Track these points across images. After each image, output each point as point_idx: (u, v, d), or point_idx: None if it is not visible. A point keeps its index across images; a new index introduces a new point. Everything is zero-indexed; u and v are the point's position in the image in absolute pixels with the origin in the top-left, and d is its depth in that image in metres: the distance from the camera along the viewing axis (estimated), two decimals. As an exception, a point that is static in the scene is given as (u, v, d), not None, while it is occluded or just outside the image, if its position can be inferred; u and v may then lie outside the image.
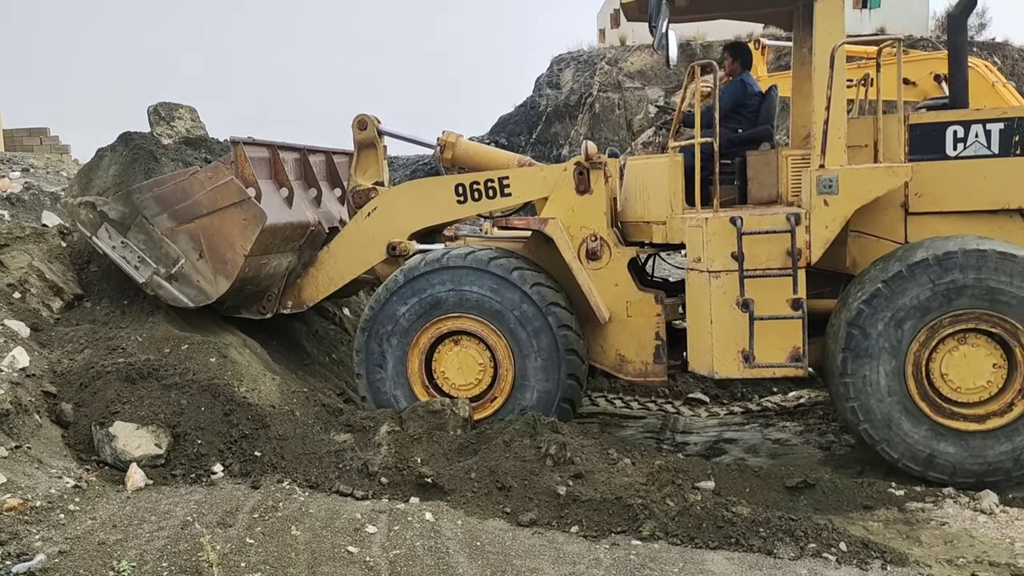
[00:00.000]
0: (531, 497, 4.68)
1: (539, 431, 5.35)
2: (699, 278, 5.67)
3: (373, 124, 6.78)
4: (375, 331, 5.96)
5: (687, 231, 5.78)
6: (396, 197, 6.55)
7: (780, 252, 5.49)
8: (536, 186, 6.40)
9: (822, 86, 5.53)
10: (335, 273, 6.57)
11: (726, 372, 5.65)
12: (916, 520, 4.57)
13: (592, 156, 6.12)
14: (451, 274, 5.87)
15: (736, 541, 4.23)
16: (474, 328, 5.90)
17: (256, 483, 4.73)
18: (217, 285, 5.91)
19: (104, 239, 5.98)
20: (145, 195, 5.90)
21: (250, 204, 5.81)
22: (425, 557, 4.00)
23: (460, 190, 6.45)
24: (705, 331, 5.64)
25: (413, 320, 5.91)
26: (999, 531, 4.36)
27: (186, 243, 5.90)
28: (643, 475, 4.95)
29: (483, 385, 5.96)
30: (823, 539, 4.15)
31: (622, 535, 4.34)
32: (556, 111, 31.44)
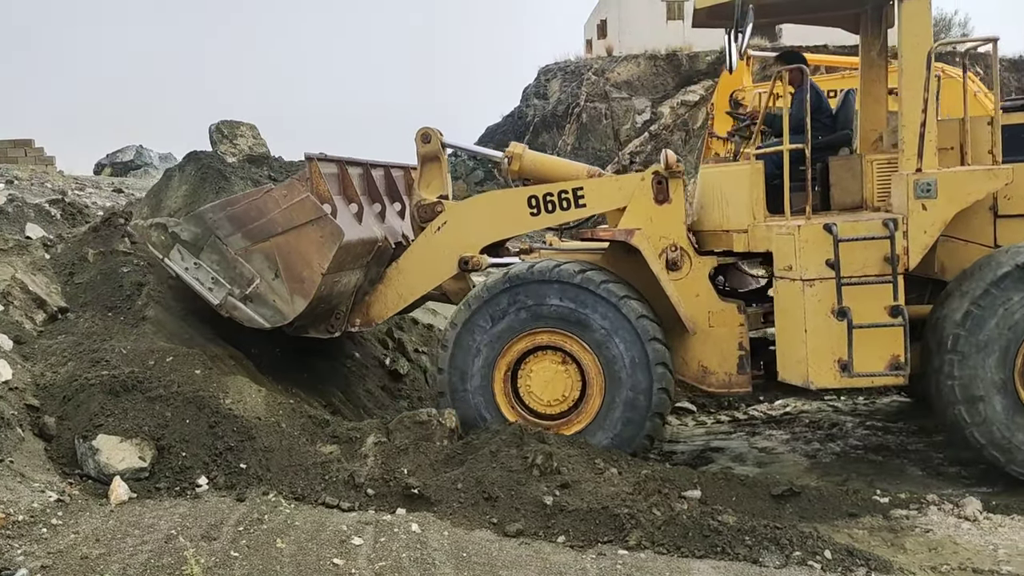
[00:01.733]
0: (518, 507, 4.68)
1: (525, 441, 5.35)
2: (791, 287, 5.57)
3: (437, 137, 6.62)
4: (460, 346, 5.86)
5: (775, 239, 5.69)
6: (466, 211, 6.43)
7: (877, 258, 5.41)
8: (611, 196, 6.30)
9: (916, 88, 5.49)
10: (404, 290, 6.44)
11: (822, 382, 5.56)
12: (901, 527, 4.59)
13: (672, 165, 6.04)
14: (538, 288, 5.76)
15: (722, 550, 4.23)
16: (562, 342, 5.78)
17: (241, 496, 4.71)
18: (294, 304, 5.76)
19: (176, 261, 5.86)
20: (218, 215, 5.80)
21: (327, 221, 5.69)
22: (411, 569, 3.99)
23: (533, 202, 6.33)
24: (798, 340, 5.53)
25: (499, 335, 5.79)
26: (982, 538, 4.39)
27: (261, 263, 5.77)
28: (630, 484, 4.96)
29: (570, 401, 5.82)
30: (808, 547, 4.17)
31: (609, 545, 4.34)
32: (543, 121, 31.54)
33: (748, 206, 5.93)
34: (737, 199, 6.01)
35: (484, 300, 5.82)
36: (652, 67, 30.53)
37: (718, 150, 17.31)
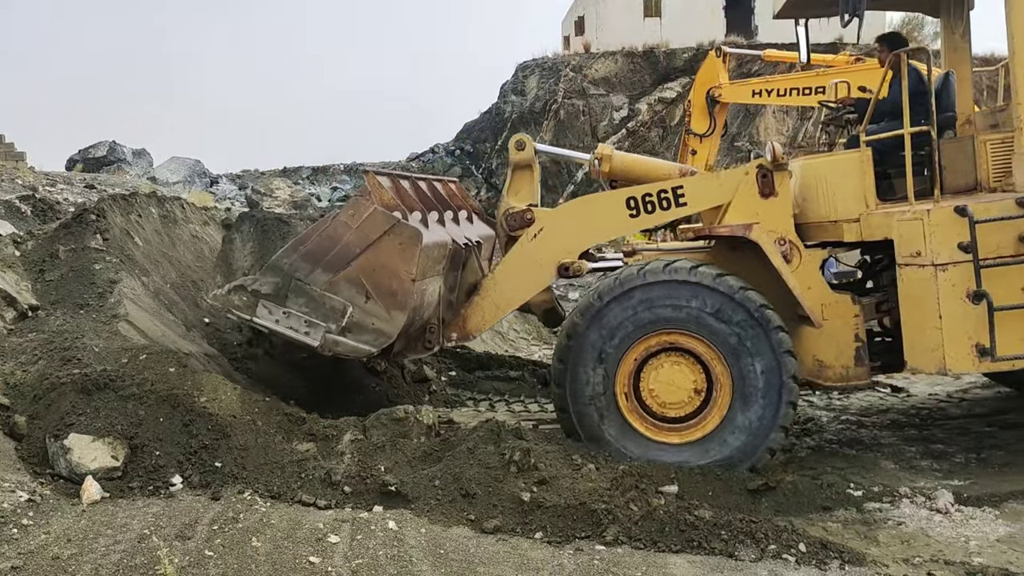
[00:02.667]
0: (495, 504, 4.67)
1: (503, 437, 5.34)
2: (920, 273, 5.50)
3: (531, 145, 6.51)
4: (579, 352, 5.59)
5: (896, 226, 5.61)
6: (562, 216, 6.27)
7: (1011, 239, 5.37)
8: (713, 193, 6.11)
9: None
10: (502, 300, 6.24)
11: (960, 368, 5.53)
12: (874, 520, 4.64)
13: (779, 157, 5.87)
14: (670, 288, 5.52)
15: (698, 544, 4.26)
16: (690, 344, 5.55)
17: (216, 494, 4.67)
18: (393, 320, 5.54)
19: (265, 316, 5.61)
20: (292, 257, 5.58)
21: (402, 226, 5.54)
22: (388, 566, 3.97)
23: (632, 203, 6.12)
24: (931, 327, 5.46)
25: (620, 339, 5.54)
26: (954, 530, 4.45)
27: (349, 290, 5.55)
28: (607, 480, 4.97)
29: (694, 404, 5.57)
30: (783, 540, 4.20)
31: (586, 540, 4.35)
32: (521, 117, 31.53)
33: (859, 194, 5.83)
34: (845, 188, 5.91)
35: (604, 303, 5.57)
36: (629, 64, 30.61)
37: (695, 147, 17.39)
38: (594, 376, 5.54)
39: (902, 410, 7.26)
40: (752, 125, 30.40)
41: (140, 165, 28.83)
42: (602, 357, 5.54)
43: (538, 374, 8.36)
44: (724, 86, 16.58)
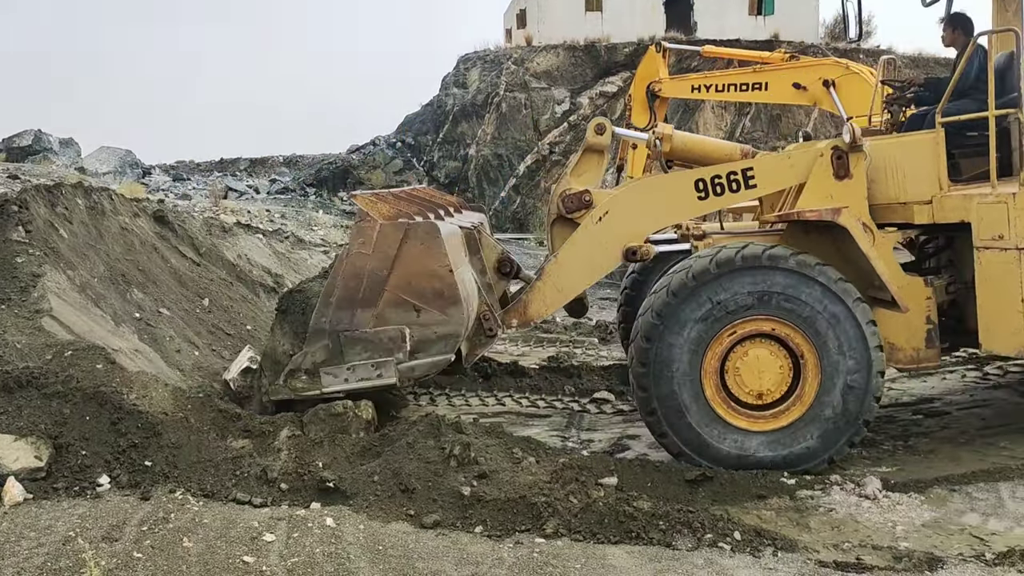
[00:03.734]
0: (435, 499, 4.65)
1: (443, 432, 5.32)
2: (1001, 256, 5.45)
3: (611, 131, 6.36)
4: (666, 335, 5.40)
5: (976, 208, 5.54)
6: (629, 199, 6.11)
7: None
8: (784, 175, 6.02)
9: None
10: (565, 284, 6.09)
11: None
12: (806, 507, 4.74)
13: (857, 139, 5.75)
14: (759, 274, 5.36)
15: (637, 535, 4.30)
16: (780, 331, 5.41)
17: (146, 494, 4.53)
18: (453, 318, 5.38)
19: (333, 383, 5.39)
20: (328, 314, 5.35)
21: (415, 226, 5.37)
22: (325, 564, 3.91)
23: (701, 185, 5.97)
24: (1013, 311, 5.43)
25: (709, 325, 5.39)
26: (882, 515, 4.57)
27: (397, 314, 5.35)
28: (547, 473, 4.97)
29: (781, 390, 5.46)
30: (719, 529, 4.27)
31: (526, 533, 4.35)
32: (463, 110, 31.42)
33: (932, 175, 5.79)
34: (917, 169, 5.86)
35: (693, 287, 5.40)
36: (571, 58, 30.74)
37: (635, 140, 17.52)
38: (677, 372, 5.38)
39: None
40: (691, 120, 30.81)
41: (67, 155, 27.89)
42: (692, 337, 5.39)
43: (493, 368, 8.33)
44: (664, 81, 16.74)
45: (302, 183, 30.78)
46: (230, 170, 33.23)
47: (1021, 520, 4.43)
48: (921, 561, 3.92)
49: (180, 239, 8.85)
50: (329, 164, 31.68)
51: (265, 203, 24.74)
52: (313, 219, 21.10)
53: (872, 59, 28.99)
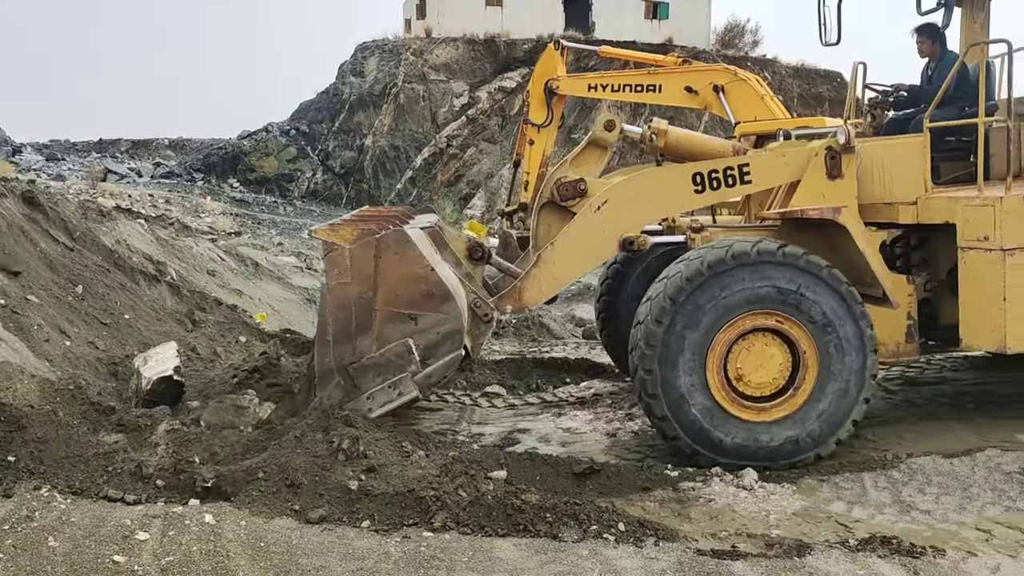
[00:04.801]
0: (321, 493, 4.55)
1: (332, 425, 5.22)
2: (985, 256, 5.69)
3: (619, 129, 6.39)
4: (675, 323, 5.42)
5: (961, 210, 5.77)
6: (627, 190, 6.09)
7: None
8: (779, 172, 6.18)
9: None
10: (561, 272, 6.04)
11: (1019, 347, 5.72)
12: (687, 498, 4.89)
13: (851, 140, 5.97)
14: (761, 269, 5.45)
15: (524, 528, 4.33)
16: (778, 324, 5.51)
17: (8, 491, 4.25)
18: (451, 313, 5.29)
19: (364, 409, 5.25)
20: (329, 353, 5.23)
21: (383, 238, 5.28)
22: (202, 562, 3.77)
23: (698, 179, 6.06)
24: (994, 309, 5.67)
25: (717, 316, 5.44)
26: (757, 505, 4.76)
27: (396, 329, 5.24)
28: (436, 467, 4.95)
29: (780, 383, 5.58)
30: (604, 521, 4.35)
31: (414, 527, 4.32)
32: (360, 100, 30.93)
33: (918, 178, 6.03)
34: (903, 171, 6.09)
35: (706, 278, 5.45)
36: (470, 51, 30.72)
37: (532, 136, 17.65)
38: (683, 365, 5.43)
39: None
40: (588, 118, 31.30)
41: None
42: (702, 325, 5.44)
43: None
44: (562, 78, 16.91)
45: (189, 168, 29.62)
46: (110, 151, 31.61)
47: (882, 508, 4.71)
48: (791, 547, 4.10)
49: (51, 222, 8.35)
50: (219, 149, 30.60)
51: (148, 187, 23.68)
52: (200, 205, 20.35)
53: (759, 67, 30.19)
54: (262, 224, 22.62)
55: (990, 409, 6.62)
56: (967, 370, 7.97)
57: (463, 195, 30.58)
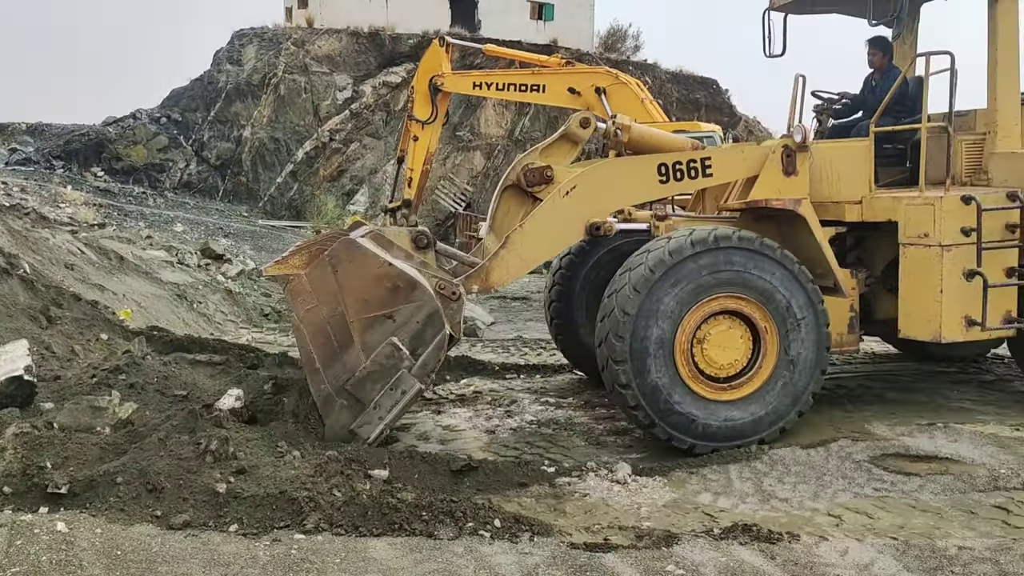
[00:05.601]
0: (186, 498, 4.37)
1: (200, 426, 5.03)
2: (925, 252, 6.18)
3: (593, 127, 6.52)
4: (642, 314, 5.62)
5: (903, 209, 6.31)
6: (596, 176, 6.25)
7: (999, 226, 6.20)
8: (738, 167, 6.52)
9: (1012, 79, 6.62)
10: (528, 254, 6.06)
11: (952, 336, 6.18)
12: (563, 493, 4.96)
13: (806, 139, 6.41)
14: (724, 254, 5.74)
15: (400, 526, 4.29)
16: (741, 307, 5.82)
17: None
18: (423, 299, 5.25)
19: (373, 428, 5.24)
20: (323, 379, 5.20)
21: (334, 252, 5.28)
22: (52, 572, 3.55)
23: (663, 169, 6.32)
24: (931, 300, 6.15)
25: (683, 300, 5.67)
26: (630, 498, 4.88)
27: (375, 334, 5.20)
28: (311, 467, 4.84)
29: (742, 364, 5.88)
30: (480, 518, 4.35)
31: (285, 530, 4.20)
32: (237, 89, 29.90)
33: (863, 178, 6.57)
34: (850, 172, 6.59)
35: (669, 266, 5.66)
36: (354, 44, 30.21)
37: (417, 133, 17.54)
38: (657, 329, 5.64)
39: (595, 391, 7.85)
40: (473, 116, 31.36)
41: None
42: (667, 311, 5.65)
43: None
44: (447, 75, 16.88)
45: (48, 155, 27.81)
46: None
47: (745, 497, 4.92)
48: (660, 538, 4.23)
49: None
50: (81, 135, 28.87)
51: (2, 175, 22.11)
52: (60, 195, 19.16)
53: (640, 72, 31.04)
54: (129, 216, 21.48)
55: (841, 403, 7.04)
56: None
57: (346, 190, 30.05)
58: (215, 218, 25.31)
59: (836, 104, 7.66)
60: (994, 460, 5.43)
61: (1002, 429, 6.10)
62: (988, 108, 6.88)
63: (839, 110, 7.67)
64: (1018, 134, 6.72)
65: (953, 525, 4.47)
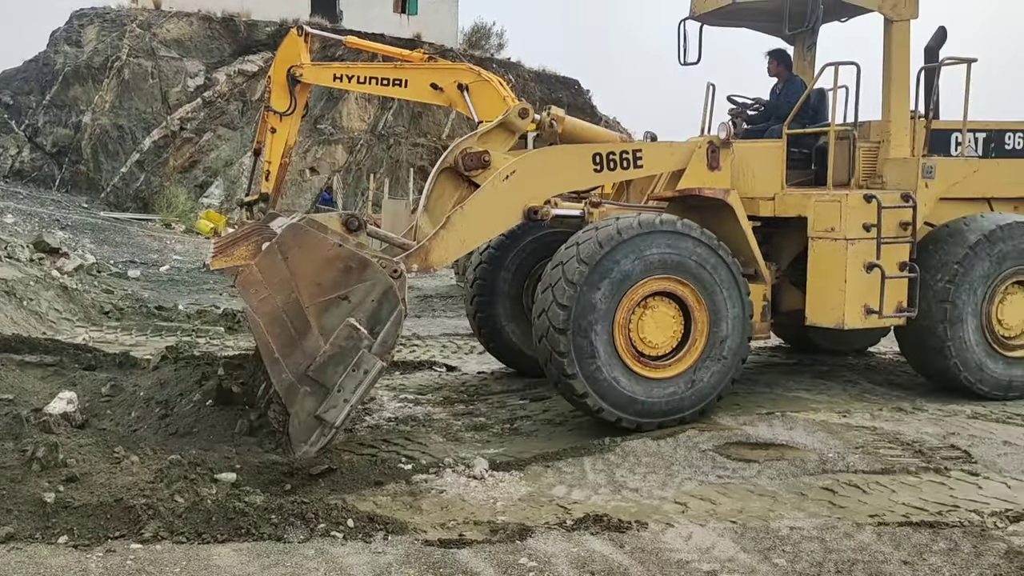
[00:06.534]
0: (10, 509, 4.07)
1: (26, 432, 4.68)
2: (832, 245, 6.80)
3: (531, 119, 6.81)
4: (581, 303, 5.92)
5: (813, 205, 6.93)
6: (536, 162, 6.53)
7: (895, 223, 6.83)
8: (666, 160, 6.99)
9: (903, 95, 7.35)
10: (468, 235, 6.23)
11: (853, 323, 6.82)
12: (420, 491, 4.92)
13: (729, 137, 6.93)
14: (653, 238, 6.09)
15: (247, 531, 4.12)
16: (672, 288, 6.21)
17: None
18: (376, 277, 5.21)
19: (339, 412, 5.13)
20: (284, 368, 5.04)
21: (282, 238, 5.22)
22: None
23: (597, 159, 6.67)
24: (836, 290, 6.76)
25: (618, 287, 6.01)
26: (486, 493, 4.90)
27: (332, 317, 5.11)
28: (151, 472, 4.60)
29: (674, 343, 6.29)
30: (333, 518, 4.25)
31: (120, 540, 3.96)
32: (76, 72, 28.00)
33: (776, 177, 7.19)
34: (765, 170, 7.17)
35: (588, 271, 5.93)
36: (206, 29, 28.90)
37: (275, 124, 16.98)
38: (596, 337, 5.95)
39: (454, 387, 7.86)
40: (335, 109, 30.75)
41: None
42: (611, 287, 5.98)
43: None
44: (305, 66, 16.43)
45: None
46: None
47: (598, 489, 5.04)
48: (514, 532, 4.26)
49: None
50: None
51: None
52: None
53: (503, 70, 31.31)
54: (-49, 205, 19.71)
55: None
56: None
57: (199, 182, 28.74)
58: (51, 209, 23.60)
59: (750, 109, 8.28)
60: (823, 445, 5.81)
61: (831, 416, 6.54)
62: (883, 119, 7.56)
63: (753, 115, 8.25)
64: (907, 143, 7.45)
65: (786, 507, 4.74)
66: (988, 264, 7.04)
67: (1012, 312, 7.26)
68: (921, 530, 4.40)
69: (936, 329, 7.01)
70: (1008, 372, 7.23)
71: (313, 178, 30.04)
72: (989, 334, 7.17)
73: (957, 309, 7.00)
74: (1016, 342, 7.32)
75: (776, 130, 7.52)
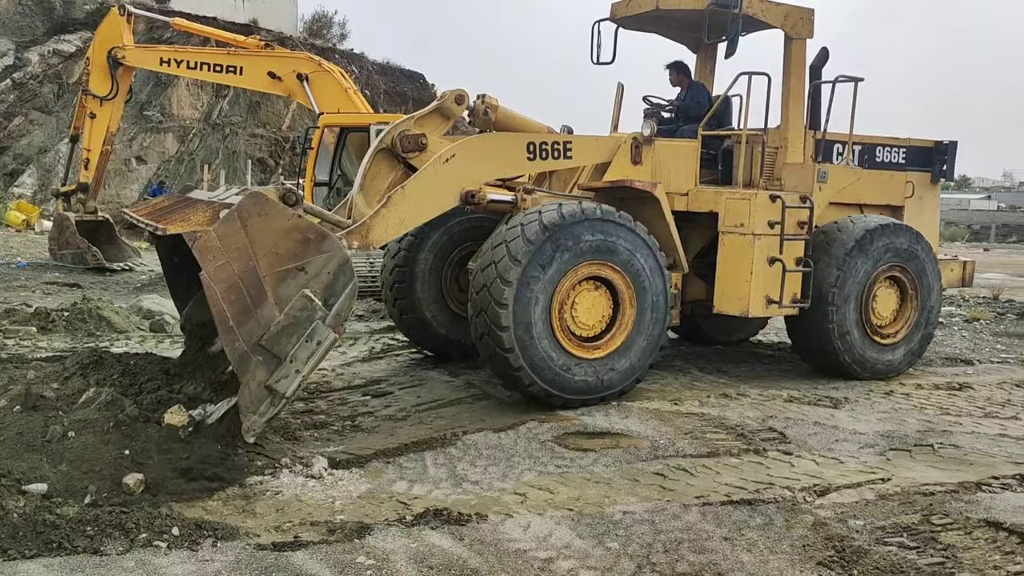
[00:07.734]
0: None
1: None
2: (741, 239, 7.41)
3: (466, 105, 7.16)
4: (519, 300, 6.25)
5: (724, 202, 7.54)
6: (474, 147, 6.78)
7: (794, 222, 7.50)
8: (593, 153, 7.47)
9: (799, 107, 8.13)
10: (407, 216, 6.41)
11: (756, 312, 7.52)
12: (254, 493, 4.73)
13: (652, 134, 7.50)
14: (575, 228, 6.44)
15: (59, 545, 3.82)
16: (598, 271, 6.61)
17: None
18: (333, 250, 5.22)
19: (291, 382, 5.08)
20: (236, 337, 4.91)
21: (242, 206, 5.08)
22: None
23: (531, 148, 7.00)
24: (743, 281, 7.39)
25: (551, 279, 6.37)
26: (324, 493, 4.77)
27: (288, 287, 5.07)
28: (-53, 486, 4.16)
29: (607, 319, 6.73)
30: (156, 527, 4.01)
31: (-94, 564, 3.56)
32: None
33: (691, 174, 7.79)
34: (679, 168, 7.73)
35: (533, 251, 6.29)
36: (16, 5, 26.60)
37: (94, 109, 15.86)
38: (536, 329, 6.32)
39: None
40: (164, 95, 29.15)
41: None
42: (554, 268, 6.35)
43: None
44: (128, 48, 15.48)
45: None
46: None
47: (439, 483, 5.03)
48: (352, 531, 4.18)
49: None
50: None
51: None
52: None
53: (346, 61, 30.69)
54: None
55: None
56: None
57: (9, 171, 26.44)
58: None
59: (663, 110, 8.78)
60: (655, 432, 6.08)
61: (664, 404, 6.86)
62: (781, 127, 8.27)
63: (667, 117, 8.72)
64: (802, 149, 8.21)
65: (620, 493, 4.92)
66: (867, 260, 7.82)
67: (884, 304, 8.11)
68: (741, 507, 4.69)
69: (823, 318, 7.73)
70: (880, 357, 8.08)
71: (140, 167, 28.29)
72: (867, 324, 7.96)
73: (842, 300, 7.75)
74: (887, 331, 8.16)
75: (687, 130, 8.13)
